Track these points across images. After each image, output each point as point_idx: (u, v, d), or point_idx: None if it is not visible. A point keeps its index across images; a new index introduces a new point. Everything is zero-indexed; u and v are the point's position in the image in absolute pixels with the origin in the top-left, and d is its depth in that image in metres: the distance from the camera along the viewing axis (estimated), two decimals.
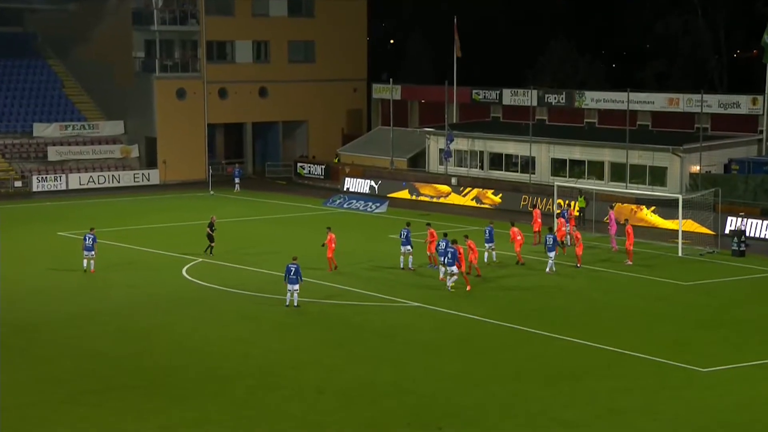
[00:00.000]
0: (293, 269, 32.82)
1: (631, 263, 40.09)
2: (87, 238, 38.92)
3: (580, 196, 50.36)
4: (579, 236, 39.87)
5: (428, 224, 40.98)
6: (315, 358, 28.19)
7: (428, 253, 39.33)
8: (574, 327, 31.24)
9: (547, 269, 38.29)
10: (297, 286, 32.68)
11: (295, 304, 32.70)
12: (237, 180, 62.82)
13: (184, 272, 39.29)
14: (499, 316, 32.39)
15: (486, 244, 40.16)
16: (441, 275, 36.75)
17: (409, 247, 38.91)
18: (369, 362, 27.80)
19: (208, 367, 27.34)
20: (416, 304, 34.19)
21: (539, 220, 44.41)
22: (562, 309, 33.82)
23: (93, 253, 38.75)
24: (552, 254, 38.37)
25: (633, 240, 40.82)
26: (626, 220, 43.53)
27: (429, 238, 39.46)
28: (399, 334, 30.58)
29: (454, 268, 35.26)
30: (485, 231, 40.67)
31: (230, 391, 25.53)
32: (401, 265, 39.06)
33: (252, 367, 27.40)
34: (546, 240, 38.69)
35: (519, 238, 39.97)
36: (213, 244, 42.12)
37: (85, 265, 38.85)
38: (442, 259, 35.92)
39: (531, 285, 37.07)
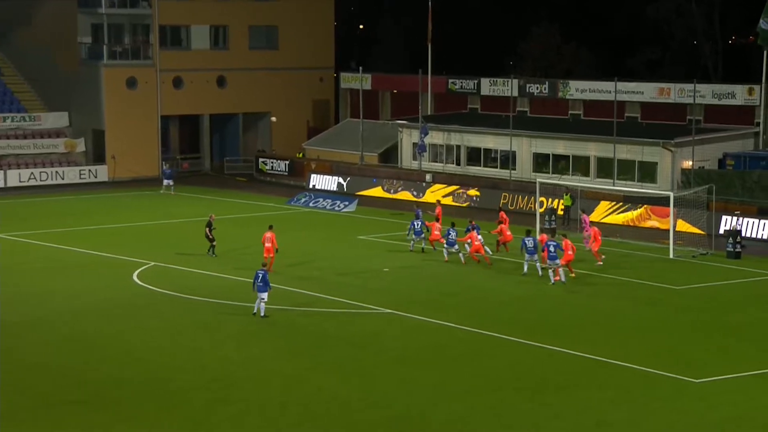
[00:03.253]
0: (261, 275, 32.72)
1: (601, 263, 40.20)
2: None
3: (566, 194, 50.56)
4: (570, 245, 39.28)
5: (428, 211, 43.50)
6: (277, 368, 28.11)
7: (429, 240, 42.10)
8: (557, 334, 31.33)
9: (526, 269, 38.26)
10: (265, 295, 32.59)
11: (262, 313, 32.62)
12: (167, 182, 60.55)
13: (134, 277, 39.11)
14: (476, 323, 32.44)
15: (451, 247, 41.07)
16: (446, 257, 40.39)
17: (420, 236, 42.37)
18: (336, 373, 27.75)
19: (160, 380, 27.22)
20: (387, 310, 34.19)
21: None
22: (544, 315, 33.92)
23: None
24: (534, 257, 38.31)
25: (600, 243, 41.27)
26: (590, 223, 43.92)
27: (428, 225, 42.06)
28: (369, 343, 30.57)
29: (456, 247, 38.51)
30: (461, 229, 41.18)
31: (184, 405, 25.42)
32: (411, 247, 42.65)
33: (208, 379, 27.29)
34: (524, 243, 38.35)
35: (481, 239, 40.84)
36: (214, 244, 42.18)
37: None
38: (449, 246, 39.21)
39: (510, 289, 37.15)
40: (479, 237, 40.75)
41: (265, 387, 26.66)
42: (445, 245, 41.06)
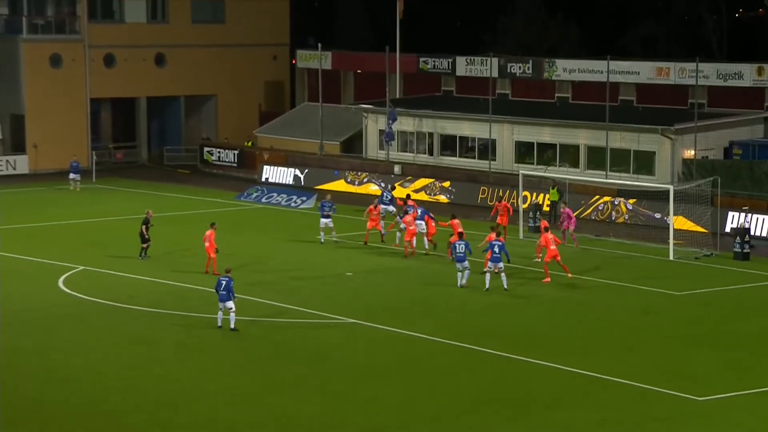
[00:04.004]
0: (223, 283, 32.61)
1: (543, 260, 40.01)
2: None
3: (552, 188, 50.77)
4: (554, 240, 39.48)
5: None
6: (225, 387, 28.03)
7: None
8: (542, 346, 31.42)
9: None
10: (231, 304, 32.46)
11: (231, 326, 32.48)
12: (73, 176, 59.49)
13: (60, 283, 38.91)
14: (450, 334, 32.47)
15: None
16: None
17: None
18: (292, 391, 27.71)
19: (90, 401, 27.08)
20: (350, 320, 34.19)
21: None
22: (528, 324, 34.03)
23: None
24: (500, 265, 37.33)
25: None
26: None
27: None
28: (330, 357, 30.56)
29: (466, 263, 37.27)
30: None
31: (118, 428, 25.26)
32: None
33: (145, 399, 27.18)
34: (491, 247, 37.98)
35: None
36: (146, 246, 42.04)
37: None
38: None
39: (489, 295, 37.25)
40: (421, 223, 42.23)
41: (211, 408, 26.52)
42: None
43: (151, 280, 39.24)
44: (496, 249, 37.38)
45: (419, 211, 43.30)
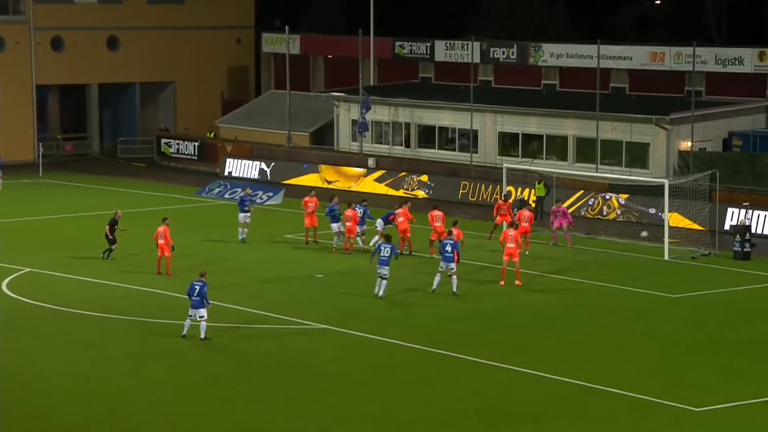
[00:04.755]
0: (197, 288, 32.52)
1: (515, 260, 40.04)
2: None
3: (539, 182, 50.92)
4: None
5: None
6: (185, 397, 28.01)
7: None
8: (527, 354, 31.52)
9: (435, 285, 37.56)
10: (204, 312, 32.35)
11: (201, 335, 32.37)
12: None
13: (3, 287, 38.77)
14: (427, 340, 32.51)
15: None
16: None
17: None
18: (259, 402, 27.71)
19: (36, 413, 26.98)
20: (321, 325, 34.22)
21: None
22: (513, 330, 34.10)
23: None
24: (452, 266, 37.20)
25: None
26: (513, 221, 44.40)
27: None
28: (299, 365, 30.57)
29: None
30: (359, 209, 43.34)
31: None
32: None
33: (98, 410, 27.12)
34: (443, 247, 37.69)
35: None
36: (113, 247, 41.96)
37: None
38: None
39: (470, 299, 37.34)
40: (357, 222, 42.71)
41: (170, 421, 26.50)
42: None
43: (103, 283, 39.14)
44: (448, 248, 37.13)
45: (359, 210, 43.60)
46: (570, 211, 47.59)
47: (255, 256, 43.53)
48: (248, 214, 45.63)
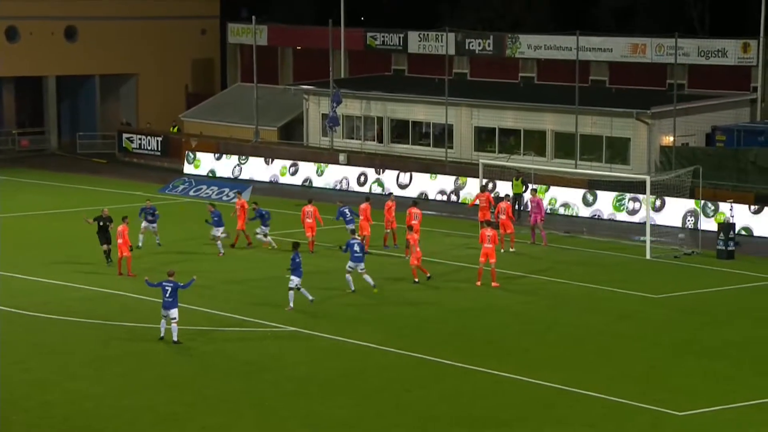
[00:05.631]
0: (169, 289, 32.45)
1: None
2: None
3: (516, 179, 51.02)
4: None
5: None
6: (147, 404, 27.96)
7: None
8: (506, 357, 31.59)
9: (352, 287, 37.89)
10: (175, 312, 32.30)
11: (174, 338, 32.31)
12: None
13: None
14: (401, 343, 32.56)
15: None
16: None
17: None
18: (224, 408, 27.69)
19: None
20: (290, 328, 34.22)
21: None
22: (490, 332, 34.18)
23: None
24: (362, 266, 37.69)
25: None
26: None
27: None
28: (266, 369, 30.57)
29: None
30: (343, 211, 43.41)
31: None
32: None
33: (56, 418, 27.06)
34: (350, 246, 37.88)
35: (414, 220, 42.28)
36: (106, 248, 41.44)
37: None
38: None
39: (446, 300, 37.40)
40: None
41: (131, 427, 26.46)
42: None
43: (61, 284, 39.02)
44: (357, 248, 37.71)
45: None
46: (548, 205, 47.71)
47: (222, 256, 43.44)
48: (154, 225, 44.34)
